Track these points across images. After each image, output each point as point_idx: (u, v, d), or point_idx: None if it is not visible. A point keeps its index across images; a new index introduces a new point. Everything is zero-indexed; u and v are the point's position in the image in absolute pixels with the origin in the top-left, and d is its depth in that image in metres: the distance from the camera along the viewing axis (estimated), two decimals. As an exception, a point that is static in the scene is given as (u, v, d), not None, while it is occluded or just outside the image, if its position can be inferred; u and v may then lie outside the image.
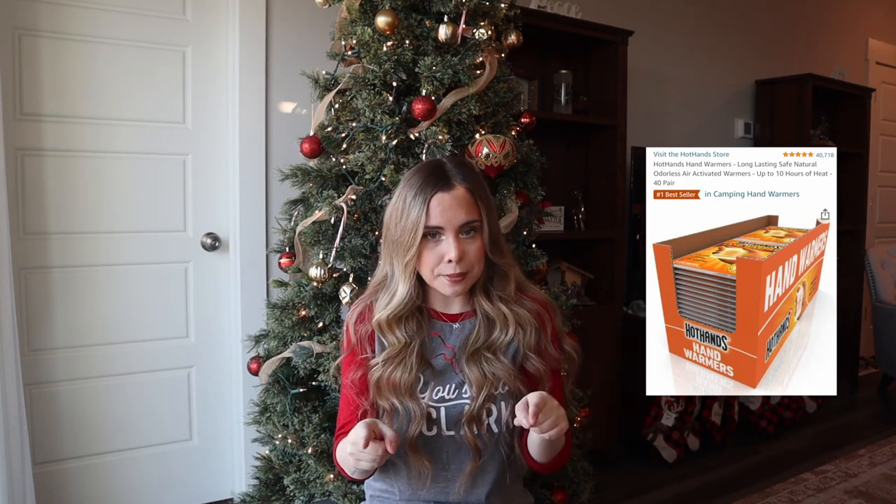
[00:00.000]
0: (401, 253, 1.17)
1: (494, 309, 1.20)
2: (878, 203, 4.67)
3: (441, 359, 1.20)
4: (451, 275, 1.15)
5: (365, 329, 1.21)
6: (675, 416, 2.88)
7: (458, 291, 1.17)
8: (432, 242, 1.16)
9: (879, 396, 4.04)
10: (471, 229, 1.16)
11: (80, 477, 2.22)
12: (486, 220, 1.18)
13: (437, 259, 1.15)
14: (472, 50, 1.64)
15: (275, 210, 2.32)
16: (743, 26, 3.89)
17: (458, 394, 1.18)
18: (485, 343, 1.18)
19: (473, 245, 1.16)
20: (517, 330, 1.19)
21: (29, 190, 2.12)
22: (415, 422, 1.15)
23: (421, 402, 1.16)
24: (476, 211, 1.17)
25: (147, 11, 2.24)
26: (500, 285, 1.21)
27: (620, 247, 2.95)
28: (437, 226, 1.15)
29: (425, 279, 1.19)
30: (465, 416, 1.16)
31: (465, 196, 1.16)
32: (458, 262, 1.14)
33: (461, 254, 1.14)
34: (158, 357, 2.34)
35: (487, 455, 1.18)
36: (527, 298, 1.23)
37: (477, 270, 1.18)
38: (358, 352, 1.22)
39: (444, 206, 1.14)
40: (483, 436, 1.17)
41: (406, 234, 1.16)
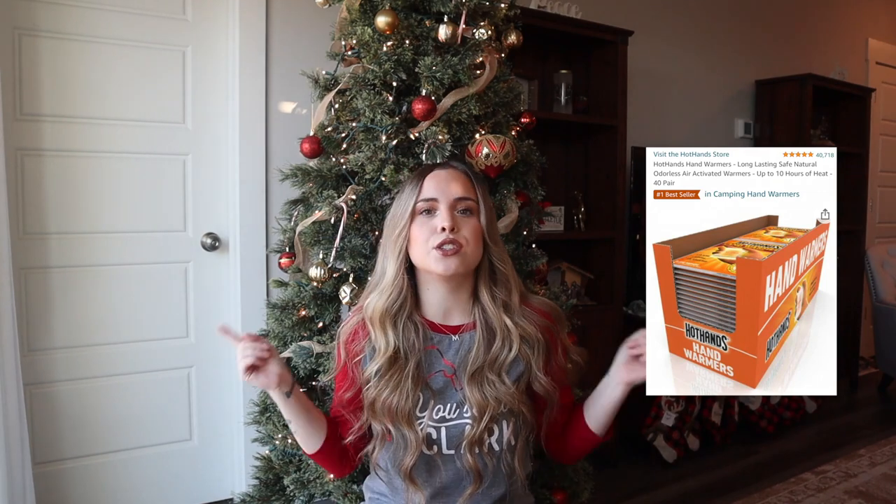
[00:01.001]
0: (391, 233, 1.14)
1: (497, 317, 1.14)
2: (878, 203, 4.67)
3: (440, 376, 1.15)
4: (443, 244, 1.08)
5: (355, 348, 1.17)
6: (675, 416, 2.88)
7: (451, 268, 1.09)
8: (425, 218, 1.12)
9: (879, 396, 4.04)
10: (467, 209, 1.13)
11: (80, 477, 2.22)
12: (482, 204, 1.15)
13: (429, 232, 1.11)
14: (472, 50, 1.64)
15: (275, 210, 2.32)
16: (743, 26, 3.89)
17: (459, 413, 1.13)
18: (485, 361, 1.13)
19: (469, 223, 1.12)
20: (522, 348, 1.14)
21: (29, 190, 2.12)
22: (410, 451, 1.11)
23: (418, 431, 1.11)
24: (472, 191, 1.14)
25: (147, 11, 2.24)
26: (503, 290, 1.16)
27: (620, 247, 2.95)
28: (430, 197, 1.12)
29: (418, 263, 1.13)
30: (466, 439, 1.11)
31: (460, 175, 1.15)
32: (451, 231, 1.09)
33: (454, 223, 1.10)
34: (158, 357, 2.34)
35: (489, 476, 1.14)
36: (532, 311, 1.18)
37: (472, 250, 1.12)
38: (348, 370, 1.18)
39: (438, 181, 1.13)
40: (484, 456, 1.13)
41: (398, 210, 1.14)
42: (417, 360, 1.13)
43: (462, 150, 1.65)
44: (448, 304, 1.17)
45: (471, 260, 1.13)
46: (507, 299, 1.16)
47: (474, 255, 1.13)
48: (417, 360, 1.13)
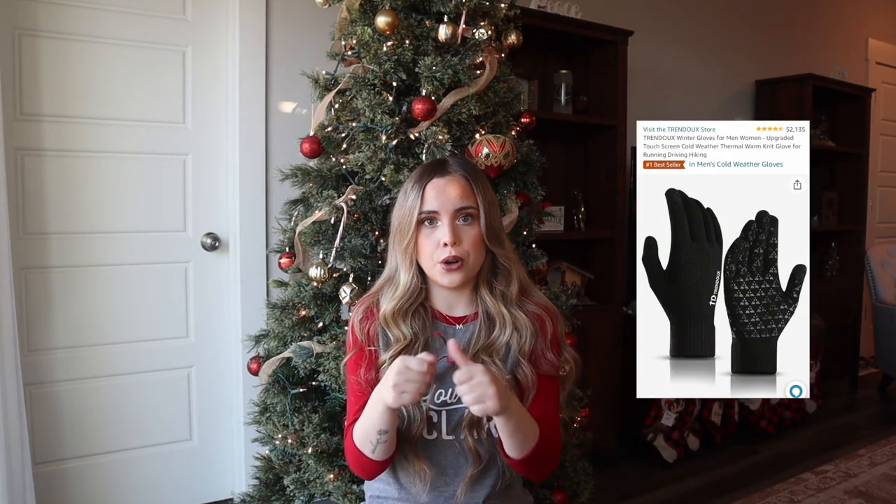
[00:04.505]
0: (400, 241, 1.18)
1: (496, 307, 1.19)
2: (878, 203, 4.67)
3: (443, 361, 1.19)
4: (447, 260, 1.14)
5: (372, 327, 1.21)
6: (675, 416, 2.88)
7: (455, 281, 1.16)
8: (429, 229, 1.17)
9: (879, 396, 4.04)
10: (467, 216, 1.17)
11: (80, 477, 2.22)
12: (482, 208, 1.17)
13: (433, 245, 1.16)
14: (472, 50, 1.64)
15: (275, 210, 2.32)
16: (743, 26, 3.89)
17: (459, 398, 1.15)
18: (484, 345, 1.18)
19: (470, 232, 1.16)
20: (514, 334, 1.18)
21: (29, 190, 2.12)
22: (415, 426, 1.16)
23: (422, 407, 1.16)
24: (472, 198, 1.17)
25: (147, 11, 2.24)
26: (503, 282, 1.20)
27: (620, 247, 2.95)
28: (432, 210, 1.16)
29: (425, 270, 1.19)
30: (465, 421, 1.16)
31: (460, 182, 1.17)
32: (452, 246, 1.13)
33: (455, 237, 1.14)
34: (158, 357, 2.34)
35: (487, 459, 1.19)
36: (530, 302, 1.22)
37: (474, 259, 1.17)
38: (365, 350, 1.21)
39: (438, 191, 1.16)
40: (483, 441, 1.17)
41: (404, 220, 1.18)
42: (425, 341, 1.19)
43: (462, 150, 1.65)
44: (452, 299, 1.23)
45: (472, 268, 1.18)
46: (504, 289, 1.20)
47: (476, 263, 1.18)
48: (425, 341, 1.19)
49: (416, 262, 1.19)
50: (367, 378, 1.19)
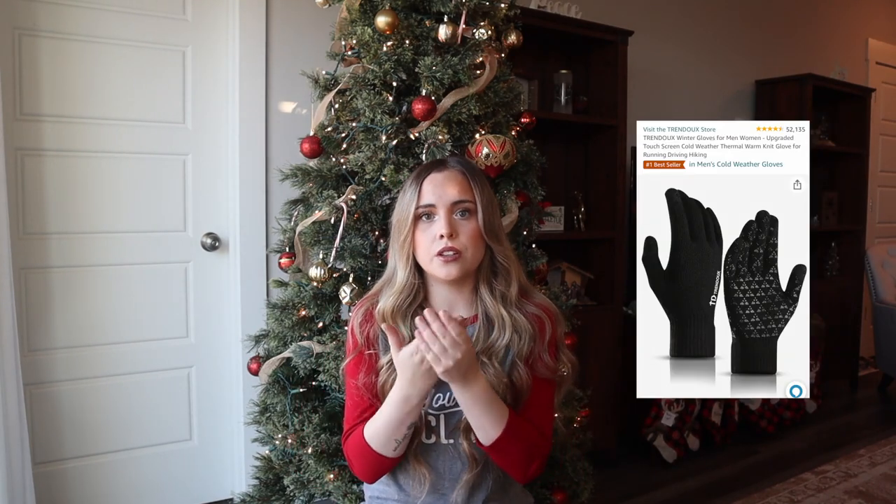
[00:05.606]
0: (398, 237, 1.18)
1: (496, 309, 1.18)
2: (878, 203, 4.67)
3: None
4: (443, 252, 1.13)
5: (371, 329, 1.20)
6: (675, 416, 2.88)
7: (453, 273, 1.14)
8: (426, 224, 1.17)
9: (879, 396, 4.04)
10: (465, 210, 1.17)
11: (80, 477, 2.22)
12: (480, 203, 1.17)
13: (430, 239, 1.15)
14: (472, 50, 1.64)
15: (275, 210, 2.32)
16: (743, 26, 3.89)
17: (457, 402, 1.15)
18: (483, 347, 1.17)
19: (467, 226, 1.16)
20: (513, 336, 1.17)
21: (29, 190, 2.12)
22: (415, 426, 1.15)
23: (421, 412, 1.15)
24: (469, 193, 1.17)
25: (147, 11, 2.24)
26: (503, 282, 1.20)
27: (620, 247, 2.95)
28: (429, 203, 1.16)
29: (423, 266, 1.18)
30: (462, 424, 1.15)
31: (457, 176, 1.18)
32: (449, 238, 1.13)
33: (452, 230, 1.14)
34: (158, 357, 2.34)
35: (483, 463, 1.18)
36: (530, 304, 1.21)
37: (472, 253, 1.16)
38: (365, 354, 1.20)
39: (435, 185, 1.16)
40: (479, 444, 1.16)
41: (401, 216, 1.18)
42: None
43: (462, 150, 1.65)
44: (452, 299, 1.21)
45: (471, 262, 1.17)
46: (504, 290, 1.19)
47: (474, 258, 1.17)
48: None
49: (414, 259, 1.18)
50: (367, 382, 1.19)
